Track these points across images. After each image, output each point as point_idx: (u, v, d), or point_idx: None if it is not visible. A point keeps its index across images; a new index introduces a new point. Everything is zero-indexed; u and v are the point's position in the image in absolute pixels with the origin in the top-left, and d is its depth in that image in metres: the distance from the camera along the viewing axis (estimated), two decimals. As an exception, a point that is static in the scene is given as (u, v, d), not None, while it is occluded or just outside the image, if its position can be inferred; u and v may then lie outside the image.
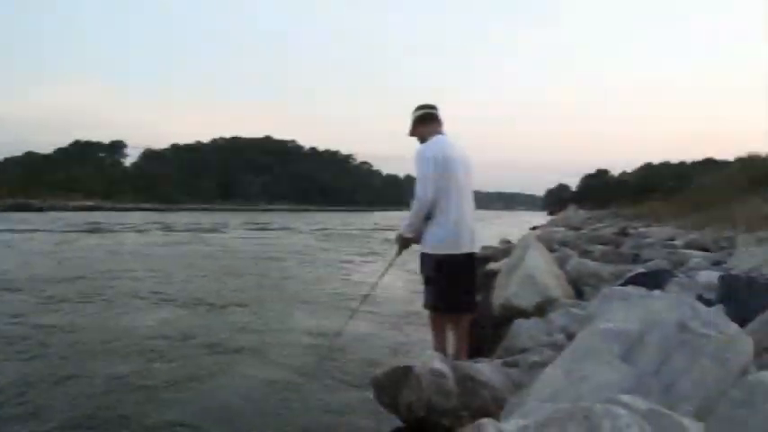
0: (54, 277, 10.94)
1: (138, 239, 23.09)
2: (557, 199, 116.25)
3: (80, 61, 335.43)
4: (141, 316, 7.65)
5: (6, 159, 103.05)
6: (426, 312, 4.67)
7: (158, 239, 23.37)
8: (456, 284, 4.41)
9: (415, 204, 4.35)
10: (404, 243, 4.59)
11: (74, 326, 6.93)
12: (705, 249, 9.85)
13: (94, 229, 28.57)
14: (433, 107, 4.58)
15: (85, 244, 20.03)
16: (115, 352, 5.79)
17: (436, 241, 4.37)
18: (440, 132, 4.49)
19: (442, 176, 4.27)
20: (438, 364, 3.58)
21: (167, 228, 32.65)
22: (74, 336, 6.46)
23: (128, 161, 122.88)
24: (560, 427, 1.32)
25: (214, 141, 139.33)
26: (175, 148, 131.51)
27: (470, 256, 4.44)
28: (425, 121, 4.52)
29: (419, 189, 4.31)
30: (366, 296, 5.24)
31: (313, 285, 10.93)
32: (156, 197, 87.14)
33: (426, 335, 4.99)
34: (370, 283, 5.57)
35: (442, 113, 4.62)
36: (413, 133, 4.59)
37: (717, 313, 2.45)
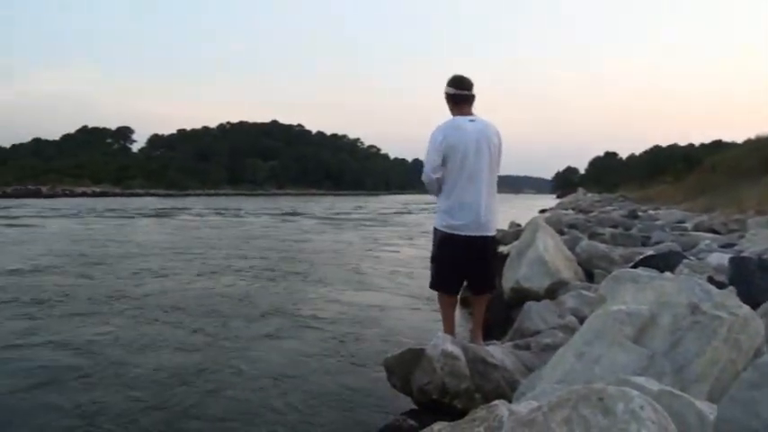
0: (123, 255, 12.51)
1: (168, 223, 24.65)
2: (565, 182, 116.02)
3: (85, 48, 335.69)
4: (209, 284, 9.25)
5: (14, 146, 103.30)
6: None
7: (184, 223, 24.65)
8: (454, 265, 4.35)
9: (423, 179, 4.48)
10: None
11: (160, 291, 8.50)
12: (715, 232, 9.84)
13: (123, 215, 29.56)
14: (465, 86, 4.40)
15: (132, 227, 21.99)
16: (193, 311, 7.16)
17: (440, 218, 4.36)
18: (465, 113, 4.35)
19: (446, 159, 4.23)
20: (450, 346, 3.58)
21: (191, 212, 33.73)
22: (157, 299, 7.89)
23: (135, 147, 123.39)
24: (573, 408, 1.33)
25: (221, 126, 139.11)
26: (182, 133, 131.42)
27: (479, 239, 4.30)
28: (455, 103, 4.40)
29: (425, 166, 4.39)
30: None
31: (342, 263, 12.11)
32: (164, 183, 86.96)
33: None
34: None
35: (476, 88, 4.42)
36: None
37: (728, 295, 2.45)
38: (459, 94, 4.39)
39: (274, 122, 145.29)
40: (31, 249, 13.21)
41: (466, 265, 4.35)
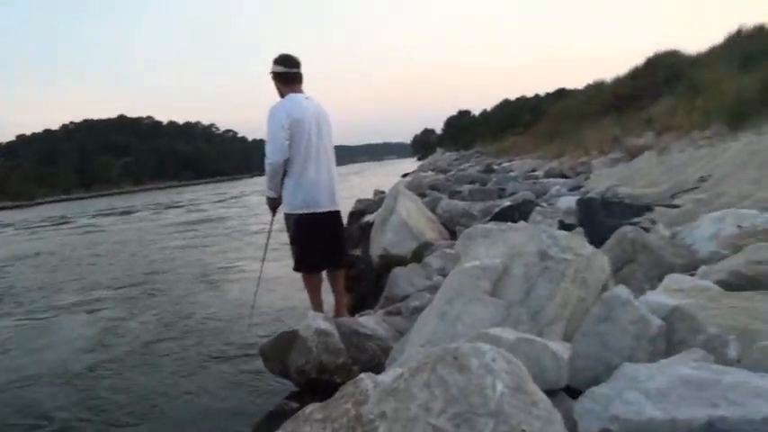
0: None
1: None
2: (424, 144, 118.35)
3: None
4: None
5: None
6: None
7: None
8: (316, 243, 4.41)
9: (266, 165, 4.34)
10: (272, 204, 4.58)
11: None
12: (564, 176, 10.38)
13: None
14: (295, 64, 4.42)
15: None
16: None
17: (294, 200, 4.36)
18: (297, 91, 4.38)
19: (293, 136, 4.22)
20: (322, 323, 3.60)
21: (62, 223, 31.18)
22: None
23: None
24: (432, 371, 1.36)
25: (65, 127, 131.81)
26: (23, 138, 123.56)
27: (332, 214, 4.46)
28: (285, 81, 4.40)
29: (268, 149, 4.31)
30: (259, 279, 5.16)
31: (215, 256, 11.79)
32: (9, 193, 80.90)
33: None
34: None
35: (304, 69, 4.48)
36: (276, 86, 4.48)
37: (574, 237, 2.58)
38: (290, 73, 4.42)
39: (121, 117, 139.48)
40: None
41: (326, 240, 4.43)
